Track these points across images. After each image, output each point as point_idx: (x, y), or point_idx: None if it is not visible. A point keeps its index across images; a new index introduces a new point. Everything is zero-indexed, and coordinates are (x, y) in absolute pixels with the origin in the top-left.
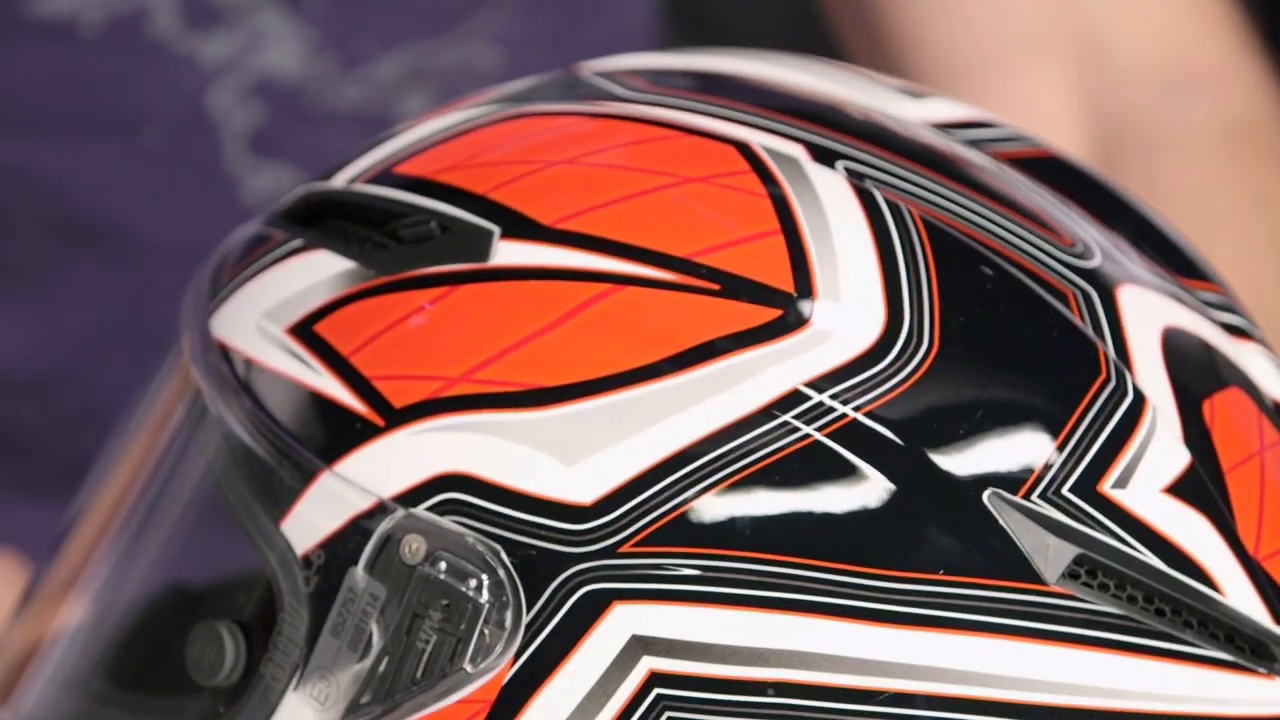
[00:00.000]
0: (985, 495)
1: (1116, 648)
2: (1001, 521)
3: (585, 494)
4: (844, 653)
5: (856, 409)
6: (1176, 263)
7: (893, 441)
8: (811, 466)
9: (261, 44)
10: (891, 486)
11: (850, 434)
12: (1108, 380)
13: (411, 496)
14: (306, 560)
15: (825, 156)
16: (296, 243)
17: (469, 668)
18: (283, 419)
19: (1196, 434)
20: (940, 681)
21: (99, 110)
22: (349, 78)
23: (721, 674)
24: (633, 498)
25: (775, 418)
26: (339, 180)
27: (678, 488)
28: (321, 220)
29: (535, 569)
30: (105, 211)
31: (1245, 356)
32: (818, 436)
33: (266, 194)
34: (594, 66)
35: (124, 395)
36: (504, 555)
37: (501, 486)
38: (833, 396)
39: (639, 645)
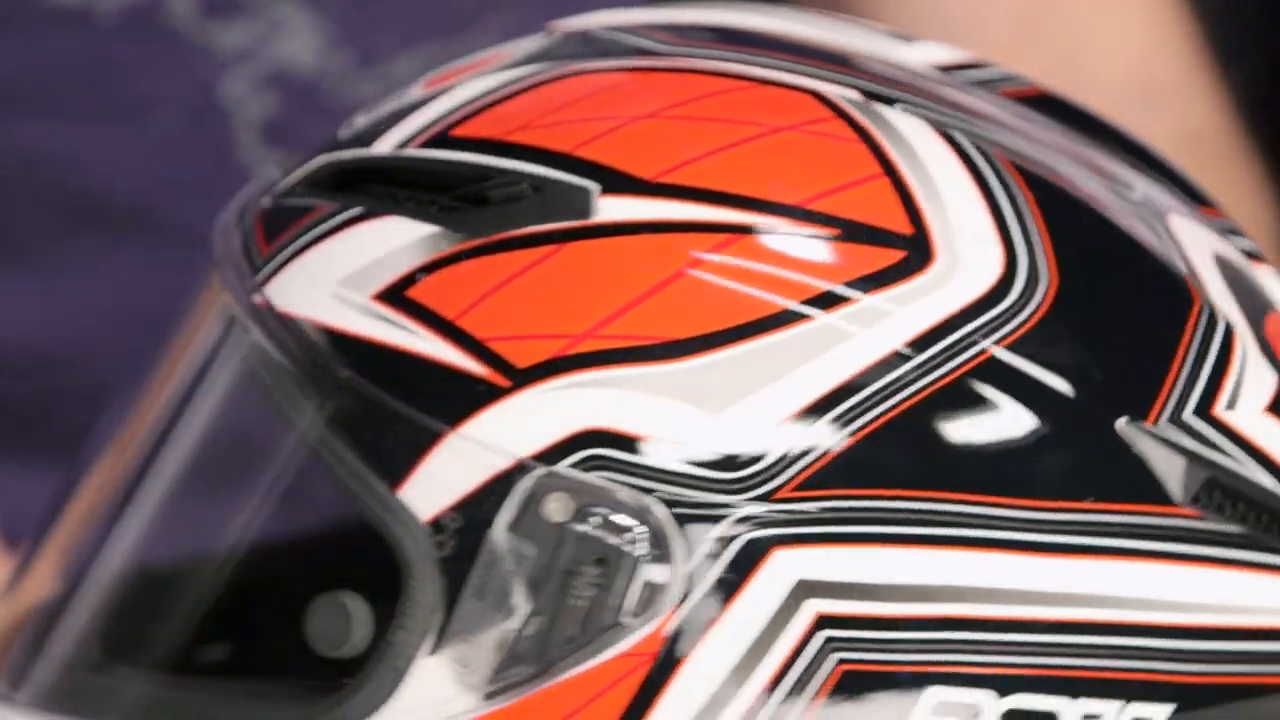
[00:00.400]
0: (1118, 424)
1: (1244, 565)
2: (1135, 448)
3: (734, 443)
4: (1002, 584)
5: (994, 344)
6: (1187, 191)
7: (1029, 375)
8: (955, 403)
9: (279, 35)
10: (1034, 419)
11: (989, 370)
12: (1202, 308)
13: (551, 454)
14: (436, 524)
15: (885, 101)
16: (354, 210)
17: (628, 621)
18: (386, 386)
19: (1269, 356)
20: (1093, 607)
21: (112, 95)
22: (364, 74)
23: (887, 613)
24: (782, 443)
25: (914, 357)
26: (382, 147)
27: (827, 431)
28: (363, 187)
29: (691, 519)
30: (116, 194)
31: (1264, 279)
32: (959, 373)
33: None
34: (582, 23)
35: (128, 374)
36: (658, 507)
37: (646, 439)
38: (968, 334)
39: (803, 589)
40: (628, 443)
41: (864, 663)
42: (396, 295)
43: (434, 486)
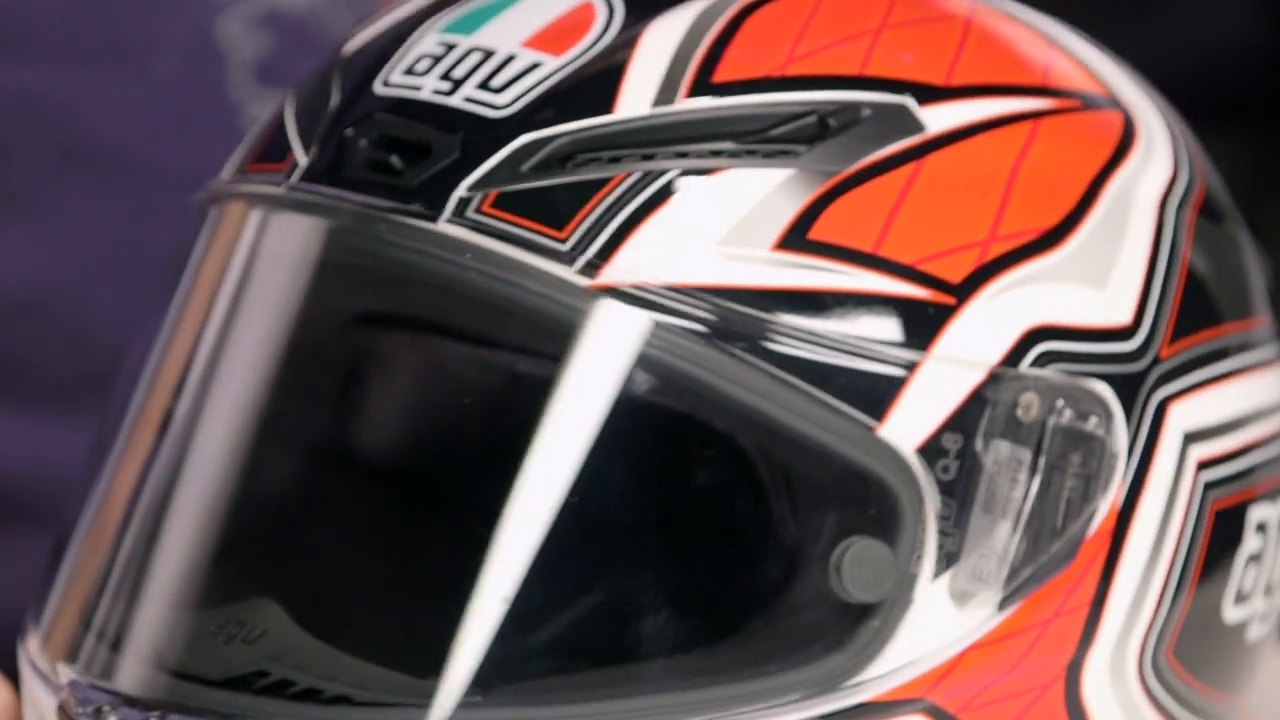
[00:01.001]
0: None
1: None
2: None
3: (1124, 312)
4: None
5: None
6: None
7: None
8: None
9: None
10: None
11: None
12: None
13: (1012, 358)
14: (930, 450)
15: None
16: (667, 176)
17: (1099, 503)
18: (836, 331)
19: None
20: None
21: (109, 39)
22: (354, 11)
23: (1245, 441)
24: (1149, 301)
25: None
26: (634, 109)
27: (1177, 282)
28: (627, 154)
29: (1124, 392)
30: (108, 138)
31: None
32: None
33: None
34: None
35: (123, 318)
36: (1101, 386)
37: (1073, 327)
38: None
39: (1188, 440)
40: (1064, 333)
41: (1225, 497)
42: (800, 240)
43: (915, 416)
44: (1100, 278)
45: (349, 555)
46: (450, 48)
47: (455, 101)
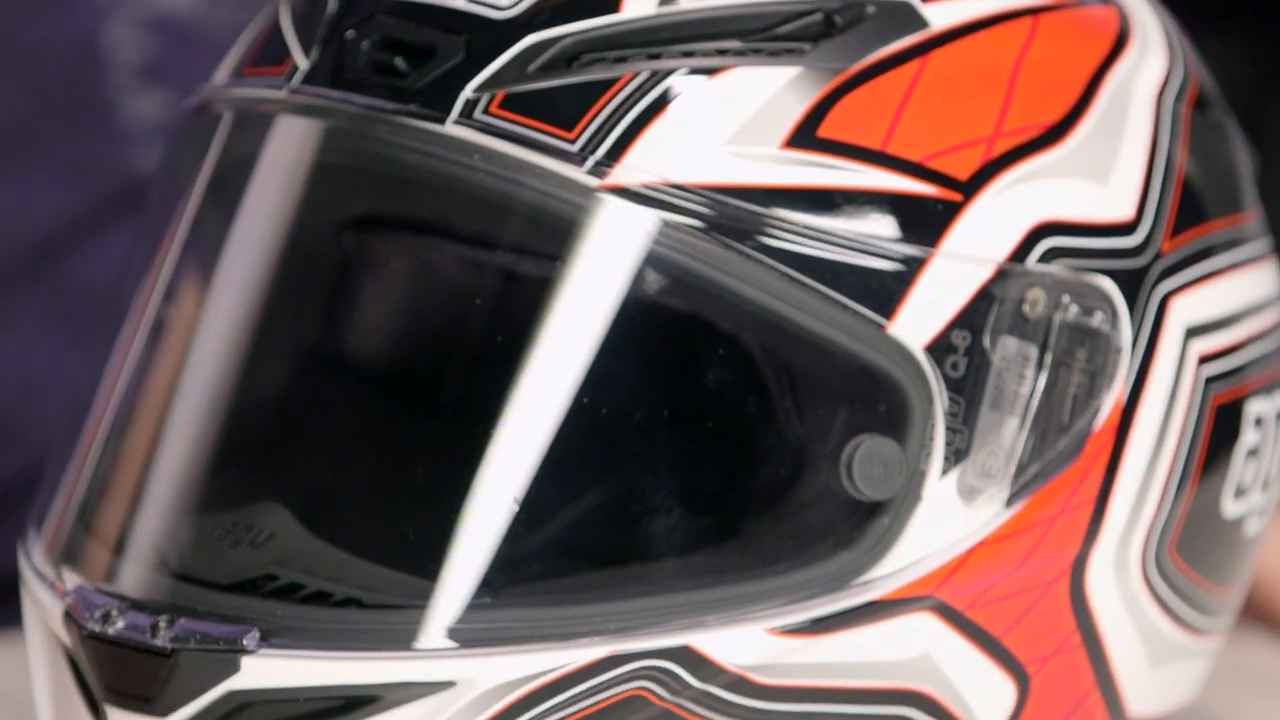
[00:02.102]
0: None
1: None
2: None
3: (1126, 207)
4: None
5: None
6: None
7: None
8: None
9: None
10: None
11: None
12: None
13: (1019, 254)
14: (938, 348)
15: None
16: (677, 73)
17: (1104, 399)
18: (845, 229)
19: None
20: None
21: None
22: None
23: (1242, 335)
24: (1150, 196)
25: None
26: (639, 9)
27: (1175, 177)
28: (630, 54)
29: (1128, 287)
30: None
31: None
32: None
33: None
34: None
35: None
36: (1106, 281)
37: (1078, 222)
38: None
39: (1189, 334)
40: (1070, 228)
41: (1225, 392)
42: (809, 138)
43: (924, 312)
44: (1102, 173)
45: (357, 458)
46: None
47: (458, 3)
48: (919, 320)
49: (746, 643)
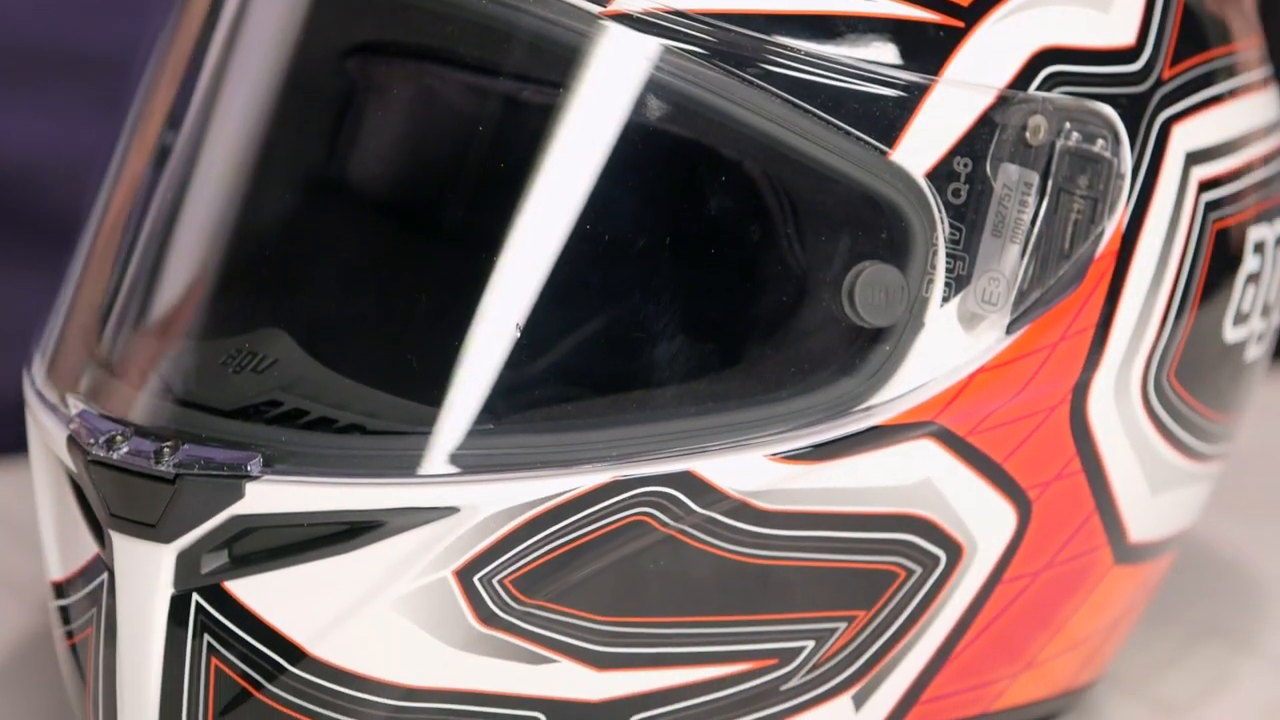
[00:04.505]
0: None
1: None
2: None
3: (1127, 33)
4: None
5: None
6: None
7: None
8: None
9: None
10: None
11: None
12: None
13: (1020, 81)
14: (940, 174)
15: None
16: None
17: (1105, 224)
18: (847, 56)
19: None
20: None
21: None
22: None
23: (1243, 161)
24: (1151, 22)
25: None
26: None
27: (1176, 3)
28: None
29: (1129, 114)
30: None
31: None
32: None
33: None
34: None
35: None
36: (1107, 109)
37: (1079, 48)
38: None
39: (1189, 160)
40: (1071, 55)
41: (1225, 218)
42: None
43: (926, 140)
44: (1105, 1)
45: (360, 284)
46: None
47: None
48: (921, 147)
49: (748, 469)
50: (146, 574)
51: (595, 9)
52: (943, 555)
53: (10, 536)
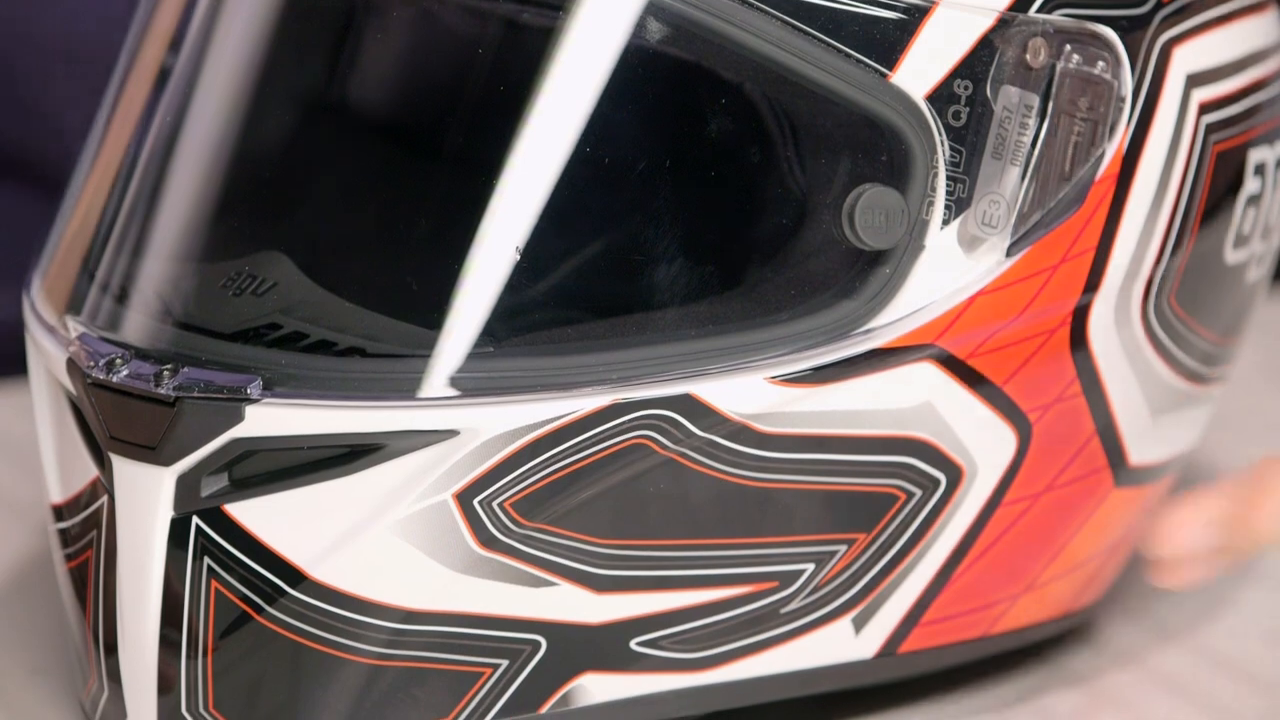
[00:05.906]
0: None
1: None
2: None
3: None
4: None
5: None
6: None
7: None
8: None
9: None
10: None
11: None
12: None
13: (1019, 4)
14: (940, 97)
15: None
16: None
17: (1105, 146)
18: None
19: None
20: None
21: None
22: None
23: (1244, 83)
24: None
25: None
26: None
27: None
28: None
29: (1129, 37)
30: None
31: None
32: None
33: None
34: None
35: None
36: (1108, 31)
37: None
38: None
39: (1190, 83)
40: None
41: (1226, 140)
42: None
43: (926, 61)
44: None
45: (359, 207)
46: None
47: None
48: (921, 70)
49: (748, 391)
50: (146, 497)
51: None
52: (943, 478)
53: (10, 459)
